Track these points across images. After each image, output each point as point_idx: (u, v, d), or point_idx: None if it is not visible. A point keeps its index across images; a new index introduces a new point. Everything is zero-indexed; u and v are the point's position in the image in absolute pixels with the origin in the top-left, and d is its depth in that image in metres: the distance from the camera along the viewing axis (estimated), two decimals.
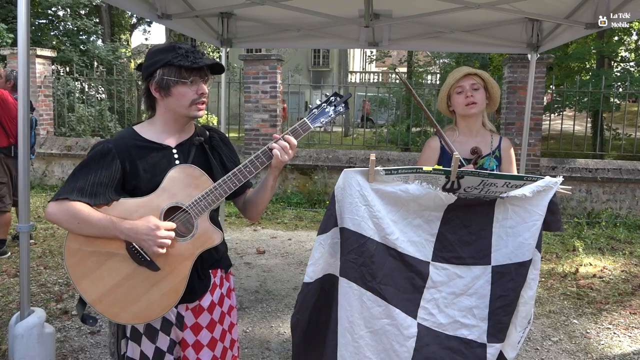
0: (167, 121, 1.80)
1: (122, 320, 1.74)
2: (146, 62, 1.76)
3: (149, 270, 1.71)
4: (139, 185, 1.73)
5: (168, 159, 1.78)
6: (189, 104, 1.74)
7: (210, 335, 1.88)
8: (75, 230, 1.69)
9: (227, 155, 1.94)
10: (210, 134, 1.92)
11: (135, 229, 1.65)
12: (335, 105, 1.84)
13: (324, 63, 30.45)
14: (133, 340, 1.81)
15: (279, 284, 4.64)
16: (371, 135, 13.20)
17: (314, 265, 1.74)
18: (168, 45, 1.75)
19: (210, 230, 1.76)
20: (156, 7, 3.96)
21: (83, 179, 1.69)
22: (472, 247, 1.74)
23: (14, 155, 5.03)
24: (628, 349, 3.56)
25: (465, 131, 2.37)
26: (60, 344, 3.37)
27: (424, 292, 1.73)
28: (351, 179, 1.71)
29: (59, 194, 1.70)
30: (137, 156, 1.74)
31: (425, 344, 1.71)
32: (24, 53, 2.43)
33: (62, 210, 1.67)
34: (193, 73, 1.72)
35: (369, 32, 4.72)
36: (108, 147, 1.72)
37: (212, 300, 1.89)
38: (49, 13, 15.36)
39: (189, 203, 1.73)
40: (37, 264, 4.88)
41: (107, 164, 1.70)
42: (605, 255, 5.68)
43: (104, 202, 1.69)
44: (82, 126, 10.21)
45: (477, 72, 2.33)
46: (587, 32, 3.75)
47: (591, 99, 9.96)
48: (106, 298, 1.71)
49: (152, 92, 1.75)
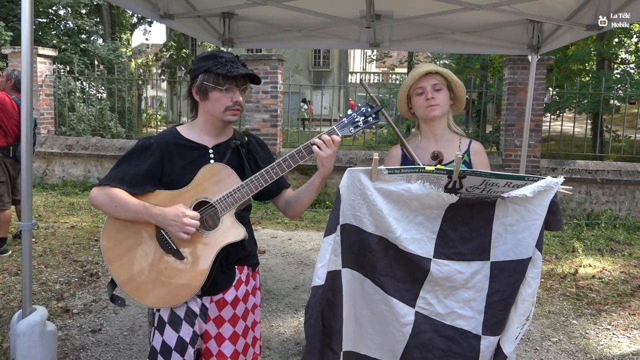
0: (205, 123, 1.93)
1: (147, 303, 1.86)
2: (193, 67, 1.91)
3: (175, 259, 1.84)
4: (175, 180, 1.87)
5: (204, 158, 1.90)
6: (223, 110, 1.87)
7: (233, 329, 1.95)
8: (112, 213, 1.84)
9: (262, 158, 2.04)
10: (248, 139, 2.04)
11: (163, 215, 1.78)
12: (366, 115, 1.87)
13: (325, 63, 30.48)
14: (158, 329, 1.90)
15: (279, 284, 4.65)
16: (371, 135, 13.21)
17: (324, 267, 1.74)
18: (212, 53, 1.88)
19: (234, 226, 1.86)
20: (158, 6, 3.98)
21: (124, 169, 1.86)
22: (472, 244, 1.76)
23: (12, 155, 5.03)
24: (627, 349, 3.57)
25: (428, 135, 2.19)
26: (62, 342, 3.37)
27: (424, 284, 1.76)
28: (354, 177, 1.73)
29: (101, 180, 1.87)
30: (175, 153, 1.88)
31: (422, 330, 1.75)
32: (27, 53, 2.44)
33: (103, 194, 1.84)
34: (229, 81, 1.84)
35: (370, 32, 4.73)
36: (149, 142, 1.88)
37: (237, 296, 1.97)
38: (49, 12, 15.36)
39: (216, 198, 1.84)
40: (38, 263, 4.89)
41: (147, 157, 1.86)
42: (604, 257, 5.70)
43: (140, 192, 1.84)
44: (82, 125, 10.22)
45: (438, 70, 2.12)
46: (588, 34, 3.76)
47: (591, 101, 9.98)
48: (134, 281, 1.84)
49: (193, 94, 1.90)
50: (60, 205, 7.46)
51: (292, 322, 3.85)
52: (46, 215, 6.83)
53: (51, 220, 6.57)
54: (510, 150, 7.74)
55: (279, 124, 8.46)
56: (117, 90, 10.85)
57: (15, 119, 4.96)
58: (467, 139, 2.22)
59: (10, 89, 5.10)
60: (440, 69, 2.13)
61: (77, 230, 6.18)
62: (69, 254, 5.25)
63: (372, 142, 11.51)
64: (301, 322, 3.86)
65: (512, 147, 7.72)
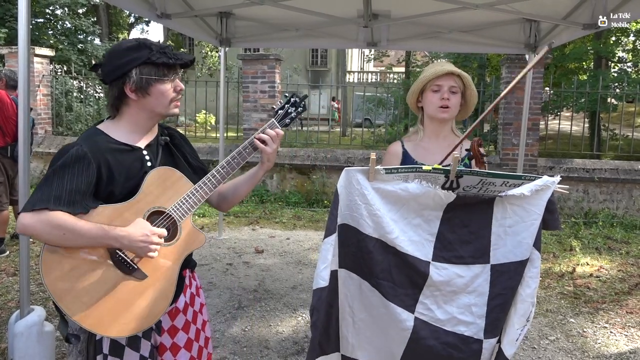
0: (137, 122, 1.71)
1: (114, 334, 1.63)
2: (115, 62, 1.64)
3: (137, 279, 1.65)
4: (114, 191, 1.64)
5: (140, 161, 1.71)
6: (169, 103, 1.70)
7: (187, 336, 1.87)
8: (58, 242, 1.55)
9: (189, 153, 1.92)
10: (169, 133, 1.88)
11: (129, 236, 1.58)
12: (296, 106, 1.87)
13: (322, 63, 30.45)
14: (113, 355, 1.70)
15: (278, 283, 4.65)
16: (369, 135, 13.21)
17: (327, 269, 1.72)
18: (137, 42, 1.65)
19: (195, 233, 1.75)
20: (155, 6, 3.98)
21: (58, 186, 1.55)
22: (472, 246, 1.74)
23: (9, 155, 5.02)
24: (624, 347, 3.58)
25: (430, 135, 2.15)
26: (60, 343, 3.37)
27: (424, 289, 1.74)
28: (352, 177, 1.71)
29: (34, 204, 1.53)
30: (112, 160, 1.64)
31: (422, 337, 1.73)
32: (24, 52, 2.43)
33: (42, 222, 1.52)
34: (172, 70, 1.67)
35: (368, 32, 4.74)
36: (83, 151, 1.58)
37: (185, 301, 1.88)
38: (46, 12, 15.32)
39: (171, 207, 1.70)
40: (35, 263, 4.87)
41: (82, 169, 1.58)
42: (602, 255, 5.71)
43: (83, 211, 1.57)
44: (80, 125, 10.19)
45: (460, 73, 2.07)
46: (585, 33, 3.78)
47: (588, 100, 10.00)
48: (93, 313, 1.59)
49: (127, 93, 1.65)
50: None
51: (290, 322, 3.86)
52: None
53: None
54: (508, 149, 7.75)
55: None
56: None
57: (14, 119, 4.95)
58: (467, 142, 2.18)
59: (4, 88, 5.08)
60: (462, 72, 2.09)
61: None
62: None
63: (370, 142, 11.51)
64: (299, 321, 3.86)
65: (509, 146, 7.74)
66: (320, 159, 8.14)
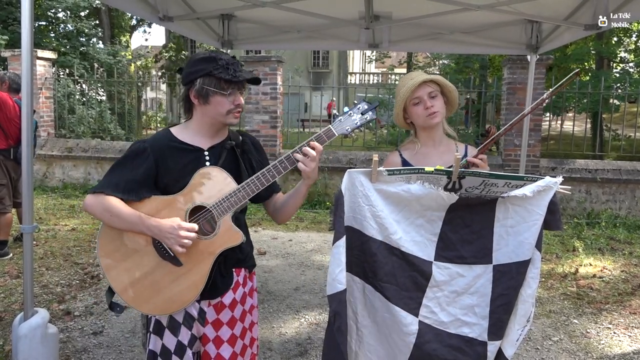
0: (202, 125, 1.89)
1: (145, 311, 1.84)
2: (187, 69, 1.83)
3: (172, 265, 1.81)
4: (169, 184, 1.83)
5: (199, 160, 1.86)
6: (226, 113, 1.83)
7: (231, 331, 1.94)
8: (108, 222, 1.81)
9: (257, 160, 2.01)
10: (242, 139, 2.00)
11: (159, 227, 1.75)
12: (362, 112, 1.84)
13: (324, 64, 30.49)
14: (155, 334, 1.88)
15: (280, 285, 4.66)
16: (371, 136, 13.21)
17: (343, 271, 1.71)
18: (210, 54, 1.82)
19: (232, 231, 1.83)
20: (157, 9, 3.99)
21: (118, 175, 1.82)
22: (474, 246, 1.76)
23: (13, 158, 5.03)
24: (628, 348, 3.58)
25: (427, 142, 2.16)
26: (63, 345, 3.38)
27: (427, 290, 1.74)
28: (354, 179, 1.73)
29: (96, 188, 1.82)
30: (170, 156, 1.84)
31: (426, 341, 1.73)
32: (27, 55, 2.44)
33: (98, 203, 1.80)
34: (232, 85, 1.80)
35: (369, 33, 4.74)
36: (143, 146, 1.83)
37: (234, 298, 1.95)
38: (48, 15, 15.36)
39: (212, 203, 1.80)
40: (39, 265, 4.89)
41: (141, 162, 1.82)
42: (605, 256, 5.70)
43: (136, 199, 1.80)
44: (82, 128, 10.22)
45: (432, 78, 2.10)
46: (587, 33, 3.77)
47: (590, 100, 9.98)
48: (132, 288, 1.82)
49: (191, 98, 1.84)
50: (61, 208, 7.47)
51: (293, 323, 3.86)
52: (47, 218, 6.83)
53: (52, 223, 6.57)
54: (510, 150, 7.75)
55: (279, 125, 8.46)
56: (117, 92, 10.86)
57: (17, 121, 4.96)
58: (462, 144, 2.22)
59: (6, 91, 5.10)
60: (432, 76, 2.11)
61: (78, 232, 6.19)
62: (69, 256, 5.25)
63: (372, 143, 11.52)
64: (302, 323, 3.86)
65: (511, 147, 7.73)
66: (322, 161, 8.15)
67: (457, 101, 2.18)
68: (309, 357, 3.35)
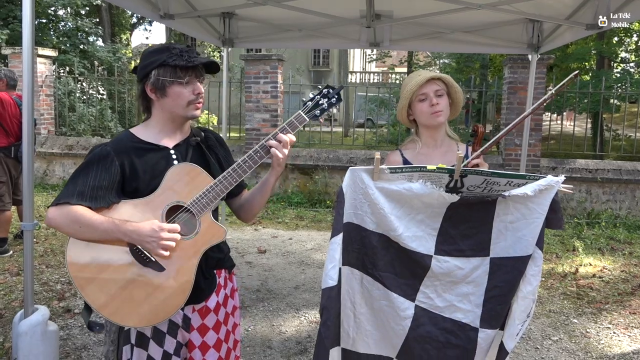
0: (163, 122, 1.78)
1: (130, 324, 1.70)
2: (141, 64, 1.75)
3: (154, 271, 1.68)
4: (139, 187, 1.71)
5: (166, 160, 1.76)
6: (186, 104, 1.74)
7: (216, 336, 1.89)
8: (77, 235, 1.66)
9: (223, 155, 1.94)
10: (205, 135, 1.92)
11: (138, 231, 1.63)
12: (329, 97, 1.83)
13: (324, 63, 30.46)
14: (139, 346, 1.78)
15: (280, 283, 4.66)
16: (371, 135, 13.21)
17: (335, 267, 1.73)
18: (162, 46, 1.74)
19: (215, 226, 1.75)
20: (159, 7, 3.99)
21: (83, 182, 1.67)
22: (472, 240, 1.78)
23: (13, 156, 5.03)
24: (627, 348, 3.58)
25: (429, 142, 2.16)
26: (63, 342, 3.38)
27: (424, 279, 1.79)
28: (356, 177, 1.74)
29: (59, 199, 1.66)
30: (135, 158, 1.72)
31: (421, 323, 1.78)
32: (28, 53, 2.44)
33: (63, 215, 1.64)
34: (188, 72, 1.71)
35: (370, 32, 4.74)
36: (107, 150, 1.70)
37: (218, 301, 1.89)
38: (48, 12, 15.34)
39: (190, 201, 1.71)
40: (39, 263, 4.89)
41: (107, 166, 1.68)
42: (605, 256, 5.70)
43: (105, 205, 1.67)
44: (82, 126, 10.22)
45: (440, 76, 2.11)
46: (588, 33, 3.77)
47: (591, 100, 9.98)
48: (112, 303, 1.66)
49: (147, 93, 1.74)
50: None
51: (293, 322, 3.86)
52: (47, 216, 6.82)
53: None
54: (511, 150, 7.75)
55: (280, 124, 8.45)
56: (117, 90, 10.86)
57: (17, 119, 4.96)
58: (463, 144, 2.22)
59: (5, 89, 5.09)
60: (441, 75, 2.11)
61: None
62: None
63: (372, 142, 11.51)
64: (302, 321, 3.86)
65: (512, 147, 7.73)
66: (322, 159, 8.14)
67: (461, 104, 2.17)
68: (308, 355, 3.36)
